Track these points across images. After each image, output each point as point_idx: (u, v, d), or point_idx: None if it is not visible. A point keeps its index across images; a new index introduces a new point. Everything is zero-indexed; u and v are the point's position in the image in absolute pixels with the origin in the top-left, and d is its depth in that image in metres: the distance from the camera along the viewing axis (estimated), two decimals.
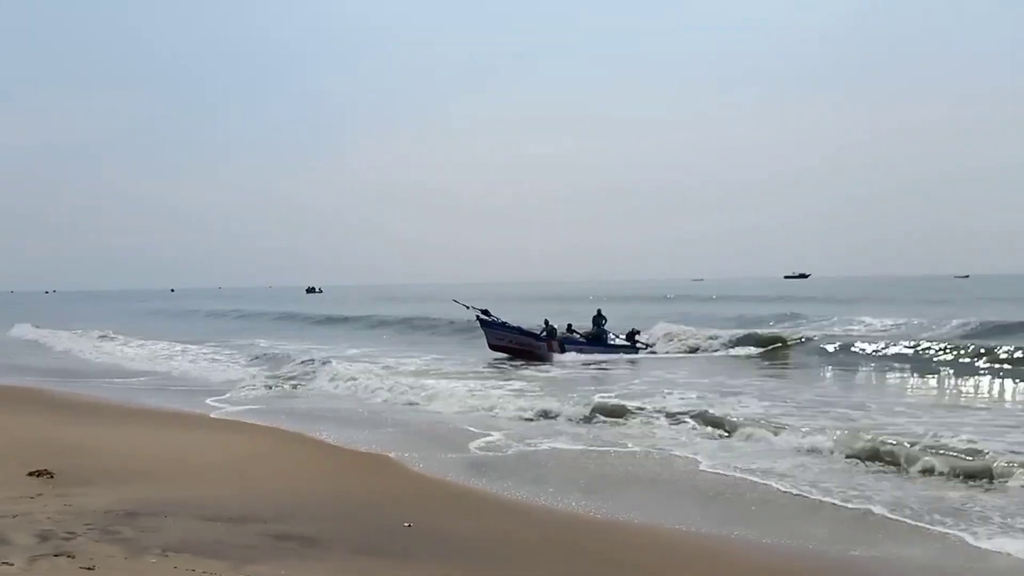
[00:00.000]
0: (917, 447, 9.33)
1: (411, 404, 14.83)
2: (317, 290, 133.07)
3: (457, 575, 5.81)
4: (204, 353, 26.77)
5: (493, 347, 25.11)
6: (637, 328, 27.75)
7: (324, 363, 19.88)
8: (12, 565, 4.99)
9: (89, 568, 5.05)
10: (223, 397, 16.35)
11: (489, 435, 11.63)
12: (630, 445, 10.84)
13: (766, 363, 22.75)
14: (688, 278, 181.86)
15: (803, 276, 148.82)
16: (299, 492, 7.90)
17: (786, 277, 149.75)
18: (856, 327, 30.53)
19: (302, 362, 20.70)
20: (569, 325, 26.78)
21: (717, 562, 6.39)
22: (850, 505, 7.83)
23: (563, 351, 24.62)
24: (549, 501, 8.03)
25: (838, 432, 10.29)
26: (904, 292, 69.80)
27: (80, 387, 18.22)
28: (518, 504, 7.92)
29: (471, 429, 12.16)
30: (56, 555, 5.26)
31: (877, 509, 7.62)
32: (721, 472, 9.23)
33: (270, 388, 17.51)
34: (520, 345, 24.67)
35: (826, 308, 43.05)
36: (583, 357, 23.98)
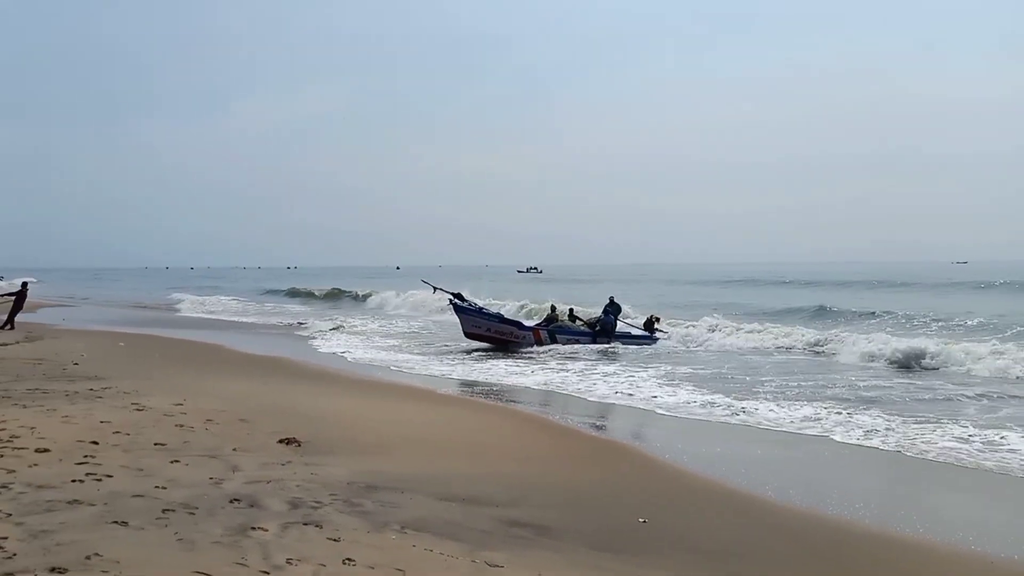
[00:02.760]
0: None
1: (630, 396, 14.55)
2: (536, 270, 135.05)
3: None
4: (428, 330, 28.26)
5: (469, 335, 23.59)
6: (657, 315, 25.30)
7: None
8: (267, 531, 5.35)
9: (335, 540, 5.31)
10: (451, 375, 17.06)
11: (719, 425, 11.10)
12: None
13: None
14: (949, 260, 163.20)
15: None
16: (530, 476, 7.92)
17: None
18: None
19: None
20: (571, 310, 24.98)
21: None
22: None
23: (553, 341, 22.96)
24: (812, 504, 7.40)
25: None
26: None
27: (313, 359, 19.83)
28: (770, 506, 7.38)
29: (696, 421, 11.70)
30: (305, 524, 5.60)
31: None
32: None
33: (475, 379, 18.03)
34: (500, 334, 23.22)
35: None
36: (590, 347, 22.01)
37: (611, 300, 24.79)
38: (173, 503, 5.84)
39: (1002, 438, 9.97)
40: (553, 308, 24.80)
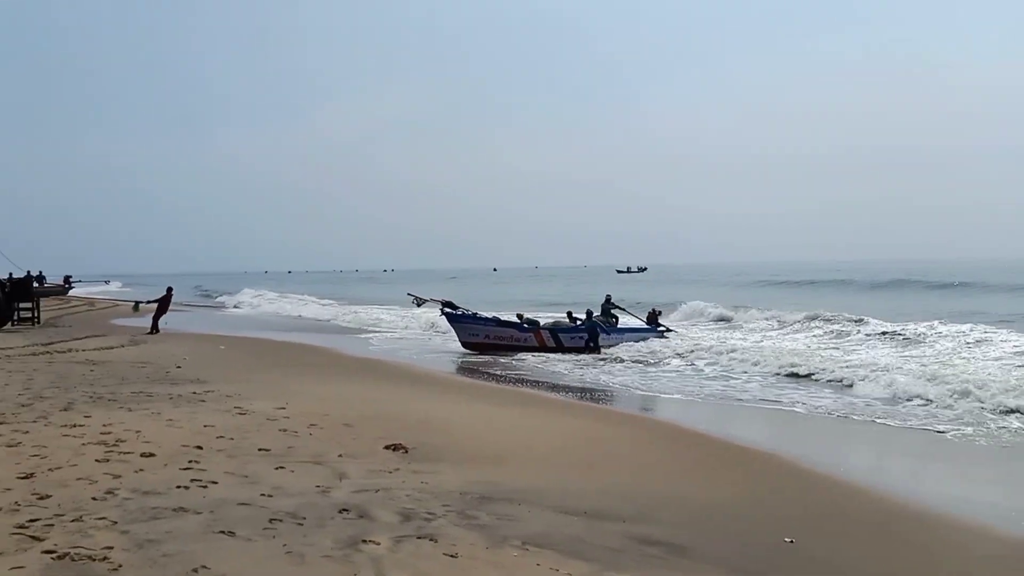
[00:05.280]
0: None
1: (739, 396, 13.91)
2: (640, 269, 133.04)
3: None
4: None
5: (467, 345, 23.01)
6: (659, 308, 25.83)
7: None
8: (379, 545, 5.14)
9: (452, 556, 5.05)
10: (534, 377, 16.78)
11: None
12: None
13: None
14: None
15: None
16: (654, 488, 7.50)
17: None
18: None
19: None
20: (569, 313, 24.46)
21: None
22: None
23: (557, 343, 22.44)
24: (999, 524, 6.73)
25: None
26: None
27: (416, 359, 19.90)
28: (945, 522, 6.72)
29: (833, 420, 11.04)
30: (419, 537, 5.36)
31: None
32: None
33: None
34: (499, 339, 22.75)
35: None
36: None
37: (607, 299, 25.21)
38: (280, 512, 5.71)
39: None
40: (520, 316, 24.38)
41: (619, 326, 24.34)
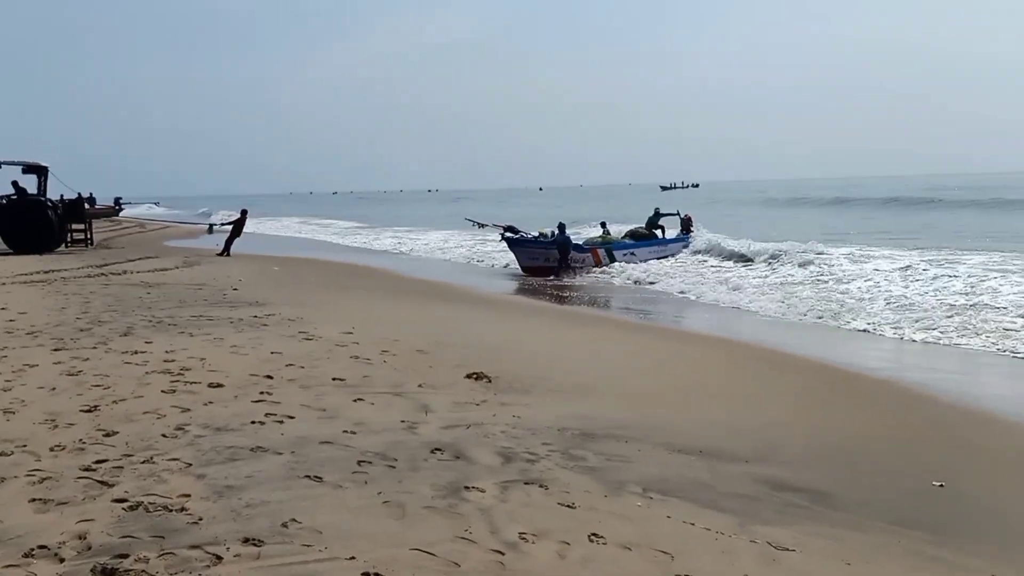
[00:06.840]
0: None
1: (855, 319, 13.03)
2: (681, 185, 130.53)
3: None
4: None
5: (527, 269, 22.35)
6: (690, 215, 26.07)
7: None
8: (484, 492, 4.54)
9: (569, 506, 4.43)
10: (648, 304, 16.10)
11: None
12: None
13: None
14: None
15: None
16: (770, 422, 6.79)
17: None
18: None
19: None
20: (603, 224, 25.06)
21: None
22: None
23: (612, 260, 22.31)
24: None
25: None
26: None
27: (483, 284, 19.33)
28: None
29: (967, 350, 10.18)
30: (527, 483, 4.76)
31: None
32: None
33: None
34: (559, 261, 22.05)
35: None
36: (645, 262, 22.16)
37: (656, 211, 25.71)
38: (368, 453, 5.14)
39: None
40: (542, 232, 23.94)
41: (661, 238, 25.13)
